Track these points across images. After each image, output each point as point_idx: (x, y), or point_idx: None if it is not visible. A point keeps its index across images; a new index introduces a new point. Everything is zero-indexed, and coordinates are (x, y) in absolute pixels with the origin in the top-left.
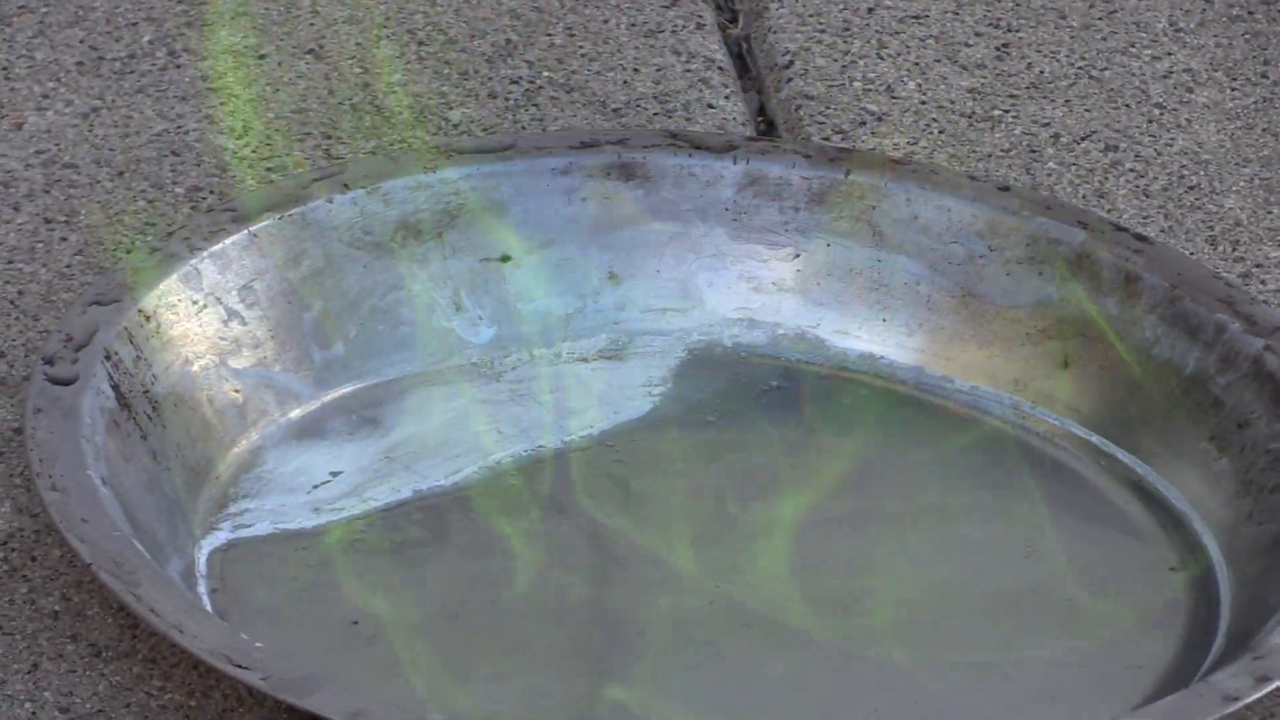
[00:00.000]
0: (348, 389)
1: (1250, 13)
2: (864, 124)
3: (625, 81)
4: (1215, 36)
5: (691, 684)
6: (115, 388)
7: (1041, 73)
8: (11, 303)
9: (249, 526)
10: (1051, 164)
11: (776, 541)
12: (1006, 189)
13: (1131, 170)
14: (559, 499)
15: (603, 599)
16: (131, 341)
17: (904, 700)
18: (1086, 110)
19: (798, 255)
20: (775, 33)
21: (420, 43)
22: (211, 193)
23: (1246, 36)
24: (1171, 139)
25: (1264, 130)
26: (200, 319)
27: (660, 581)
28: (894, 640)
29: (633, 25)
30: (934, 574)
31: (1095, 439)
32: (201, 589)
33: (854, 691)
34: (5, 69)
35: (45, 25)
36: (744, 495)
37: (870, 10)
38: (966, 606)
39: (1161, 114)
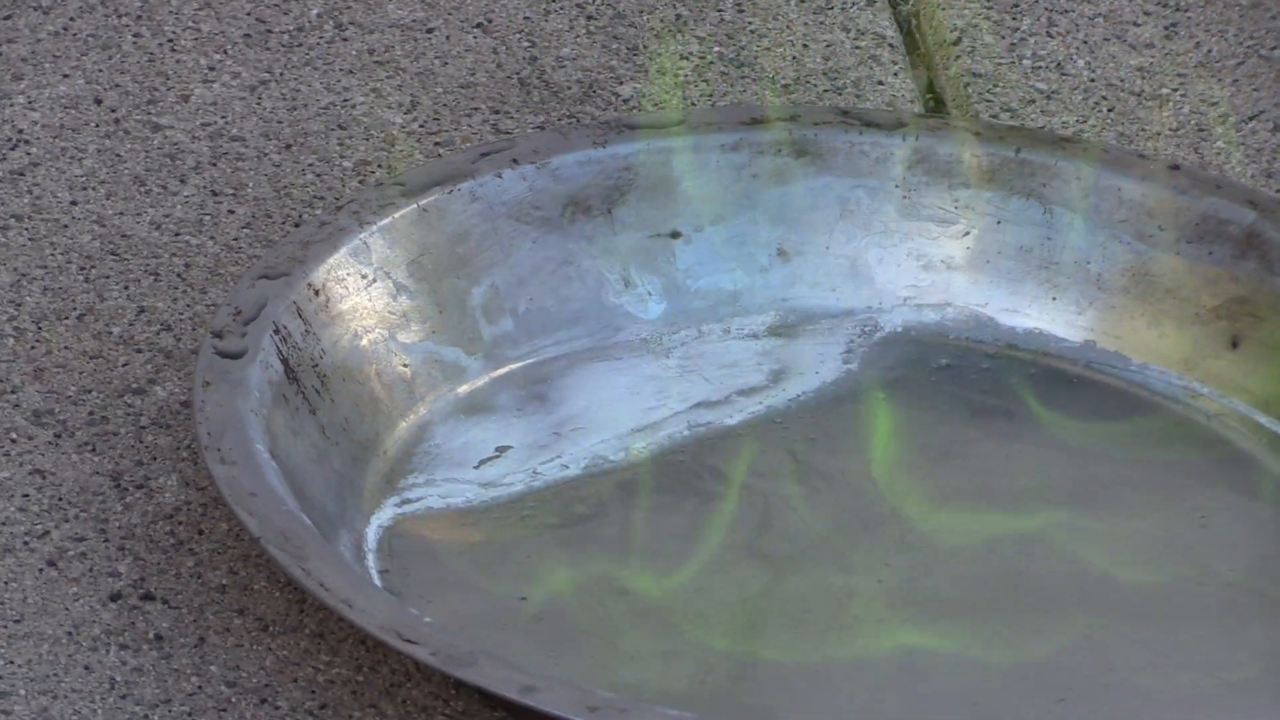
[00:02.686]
0: (516, 365)
1: None
2: (1033, 102)
3: (794, 58)
4: None
5: (852, 663)
6: (284, 361)
7: (1210, 51)
8: (179, 275)
9: (417, 501)
10: (1220, 143)
11: (948, 522)
12: (1176, 168)
13: None
14: (729, 475)
15: (772, 577)
16: (300, 315)
17: (1070, 680)
18: (1255, 90)
19: (967, 233)
20: (944, 9)
21: (589, 17)
22: (379, 167)
23: None
24: None
25: None
26: (369, 293)
27: (831, 560)
28: (1060, 624)
29: (802, 1)
30: (1101, 553)
31: (1264, 419)
32: (370, 564)
33: (1013, 671)
34: (171, 41)
35: None
36: (915, 473)
37: None
38: (1132, 586)
39: None
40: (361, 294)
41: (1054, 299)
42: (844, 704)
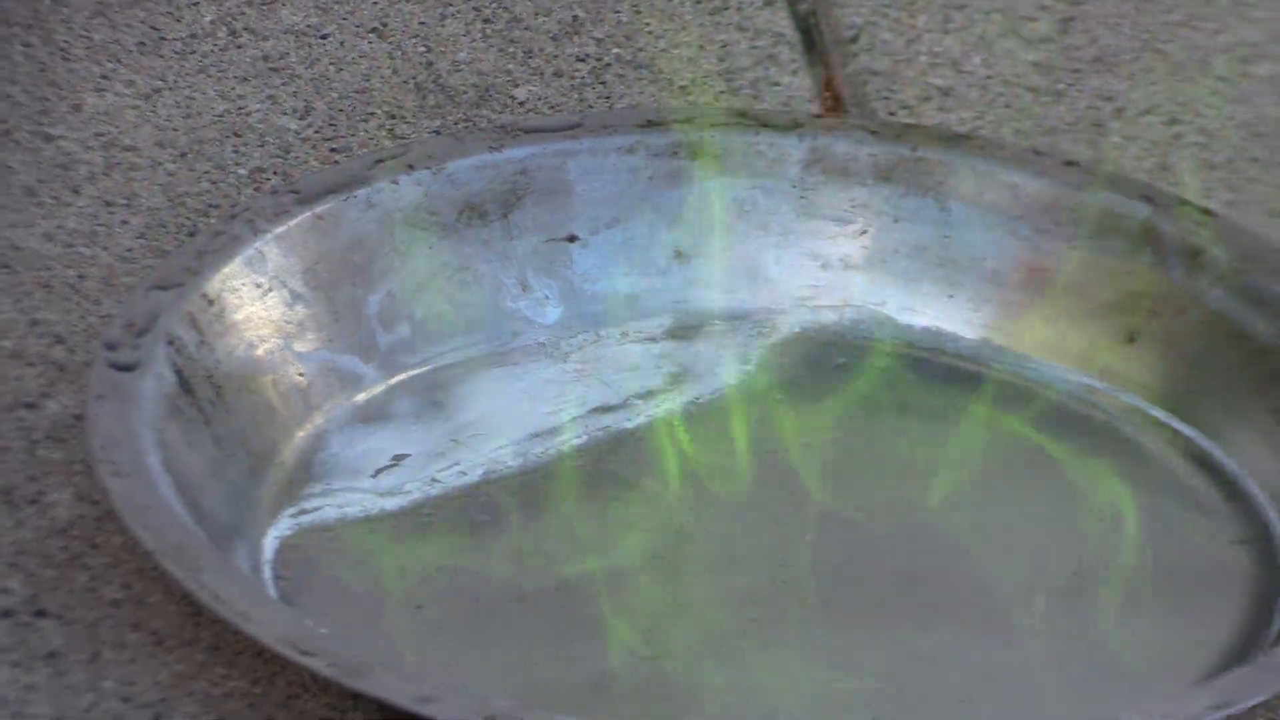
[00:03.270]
0: (413, 372)
1: None
2: (930, 99)
3: (691, 59)
4: (1276, 9)
5: (758, 663)
6: (178, 373)
7: (1105, 46)
8: (72, 287)
9: (314, 511)
10: (1116, 138)
11: (843, 521)
12: (1072, 164)
13: (1195, 143)
14: (627, 479)
15: (670, 579)
16: (194, 326)
17: (970, 675)
18: (1150, 84)
19: (864, 232)
20: (841, 7)
21: (485, 20)
22: (275, 174)
23: None
24: (1233, 112)
25: None
26: (264, 302)
27: (729, 561)
28: (958, 617)
29: (699, 2)
30: (998, 550)
31: (1160, 413)
32: (266, 575)
33: (919, 666)
34: (63, 49)
35: (104, 5)
36: (812, 474)
37: None
38: (1029, 581)
39: (1224, 87)
40: (256, 303)
41: (951, 296)
42: (749, 706)
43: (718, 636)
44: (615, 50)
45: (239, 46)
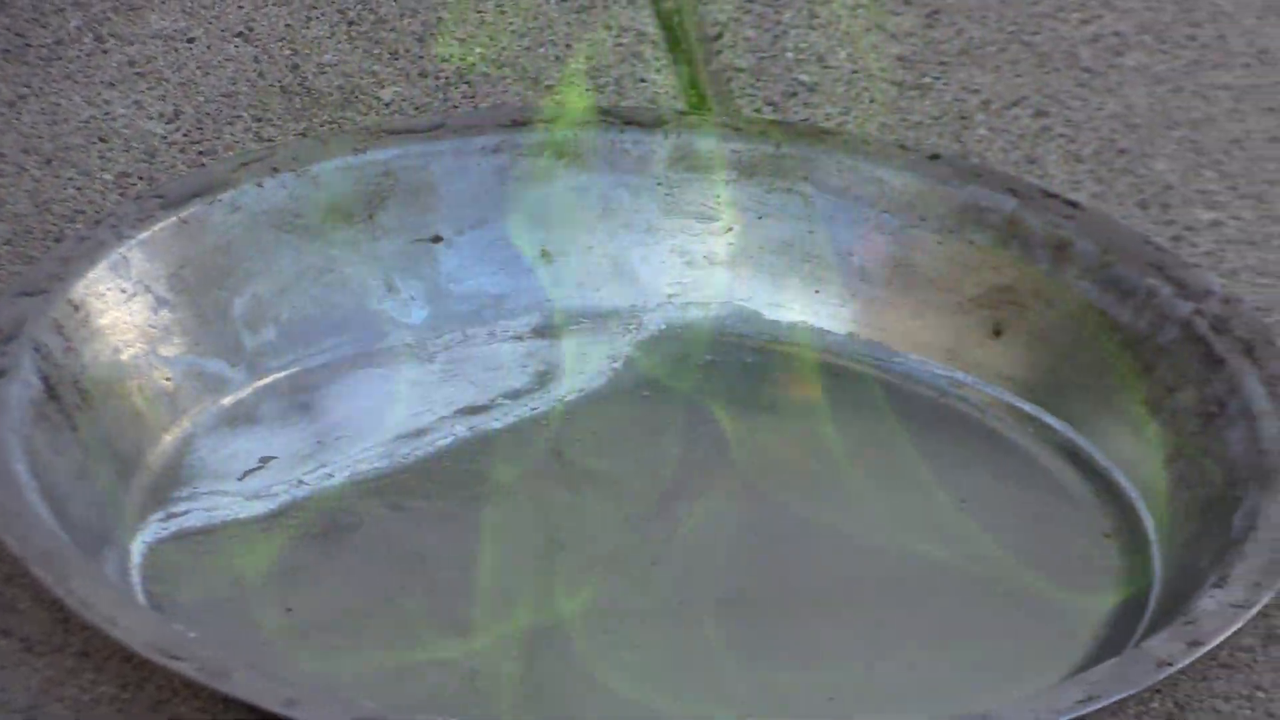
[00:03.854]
0: (280, 374)
1: None
2: (795, 95)
3: (557, 57)
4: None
5: (627, 662)
6: (44, 379)
7: (971, 39)
8: None
9: (182, 515)
10: (982, 130)
11: (712, 515)
12: (936, 157)
13: (1062, 135)
14: (495, 479)
15: (543, 581)
16: (60, 332)
17: (835, 672)
18: (1016, 76)
19: (730, 229)
20: (705, 4)
21: (350, 22)
22: (141, 179)
23: None
24: (1101, 103)
25: (1192, 93)
26: (129, 307)
27: (599, 560)
28: (825, 612)
29: (563, 0)
30: (866, 545)
31: (1028, 406)
32: (134, 580)
33: (784, 663)
34: None
35: None
36: (682, 469)
37: None
38: (898, 576)
39: (1091, 78)
40: (122, 308)
41: (817, 292)
42: (618, 704)
43: (589, 637)
44: (479, 50)
45: (105, 52)
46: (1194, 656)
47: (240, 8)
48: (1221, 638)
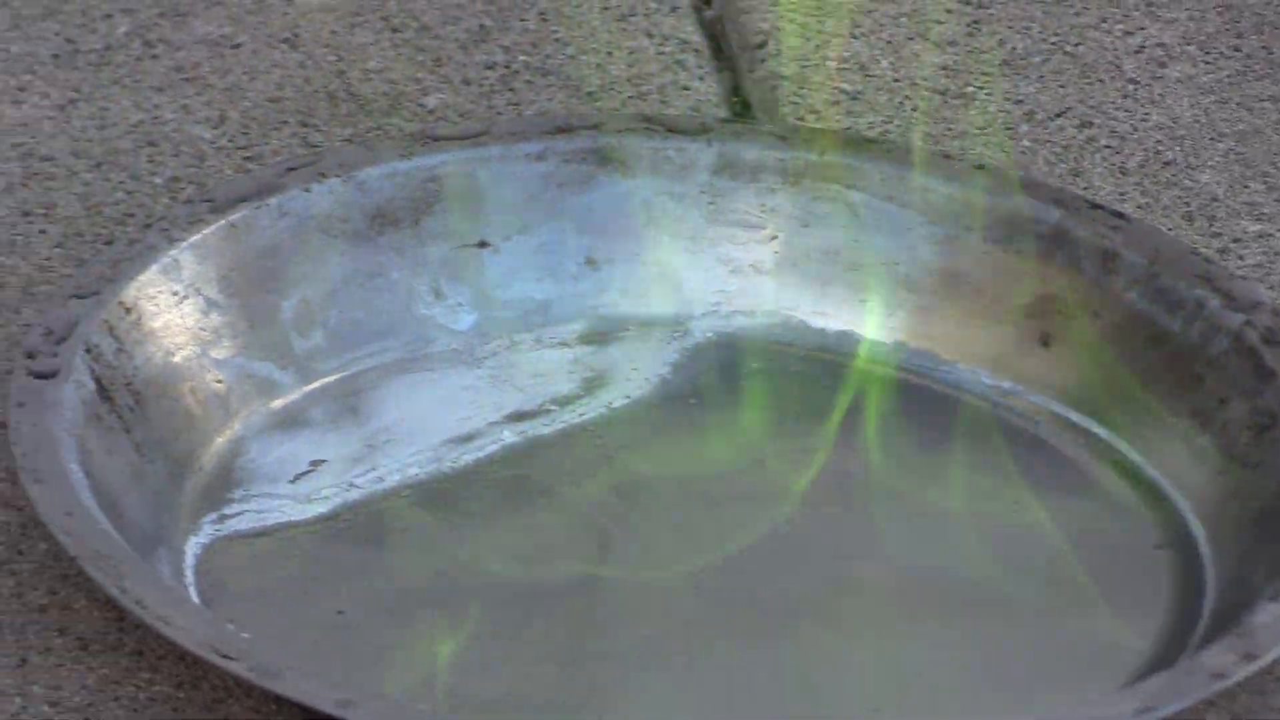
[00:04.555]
0: (329, 378)
1: None
2: (838, 103)
3: (600, 65)
4: (1188, 10)
5: (672, 670)
6: (97, 380)
7: (1014, 49)
8: None
9: (234, 517)
10: (1026, 141)
11: (763, 526)
12: (981, 167)
13: (1107, 146)
14: (545, 485)
15: (590, 585)
16: (112, 334)
17: (883, 683)
18: (1061, 86)
19: (774, 237)
20: (748, 13)
21: (394, 29)
22: (190, 183)
23: (1219, 9)
24: (1146, 114)
25: (1238, 104)
26: (181, 310)
27: (648, 566)
28: (879, 625)
29: (606, 8)
30: (917, 557)
31: (1076, 417)
32: (188, 580)
33: (840, 677)
34: None
35: (20, 18)
36: (729, 478)
37: None
38: (946, 587)
39: (1136, 89)
40: (173, 311)
41: (863, 301)
42: (665, 716)
43: (638, 643)
44: (523, 58)
45: (153, 57)
46: (1249, 670)
47: (286, 14)
48: (1277, 651)
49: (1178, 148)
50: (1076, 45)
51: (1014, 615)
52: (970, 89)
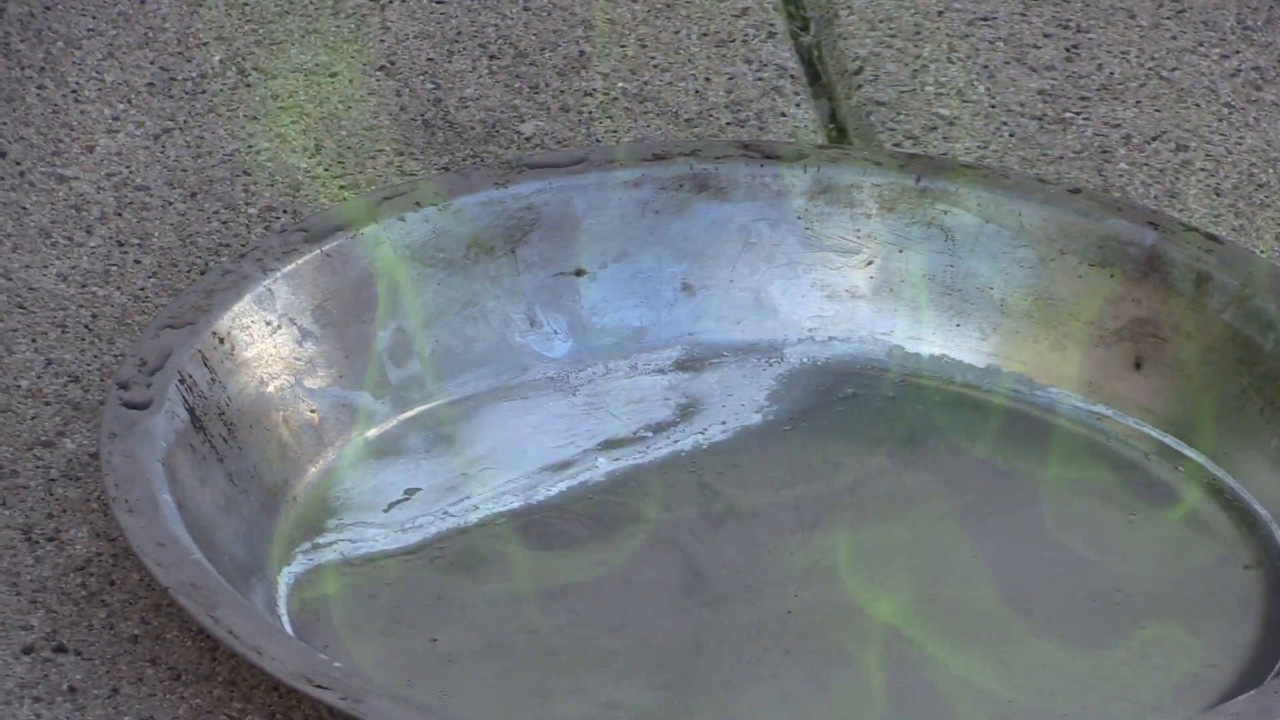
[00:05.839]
0: (424, 407)
1: None
2: (935, 129)
3: (697, 91)
4: None
5: (769, 696)
6: (190, 410)
7: (1111, 74)
8: (86, 326)
9: (328, 546)
10: (1123, 165)
11: (856, 550)
12: (1077, 191)
13: (1202, 170)
14: (639, 512)
15: (684, 613)
16: (206, 364)
17: (975, 701)
18: (1156, 110)
19: (870, 262)
20: (845, 39)
21: (491, 56)
22: (284, 212)
23: None
24: (1241, 138)
25: None
26: (274, 340)
27: (742, 594)
28: (971, 644)
29: (704, 35)
30: (1011, 577)
31: (1168, 439)
32: (281, 610)
33: (933, 701)
34: (75, 91)
35: (115, 47)
36: (824, 503)
37: (940, 14)
38: (1042, 609)
39: (1231, 113)
40: (266, 340)
41: (958, 325)
42: None
43: (730, 668)
44: (620, 84)
45: (248, 86)
46: None
47: (382, 41)
48: None
49: (1272, 170)
50: (1173, 70)
51: (1104, 637)
52: (1068, 114)
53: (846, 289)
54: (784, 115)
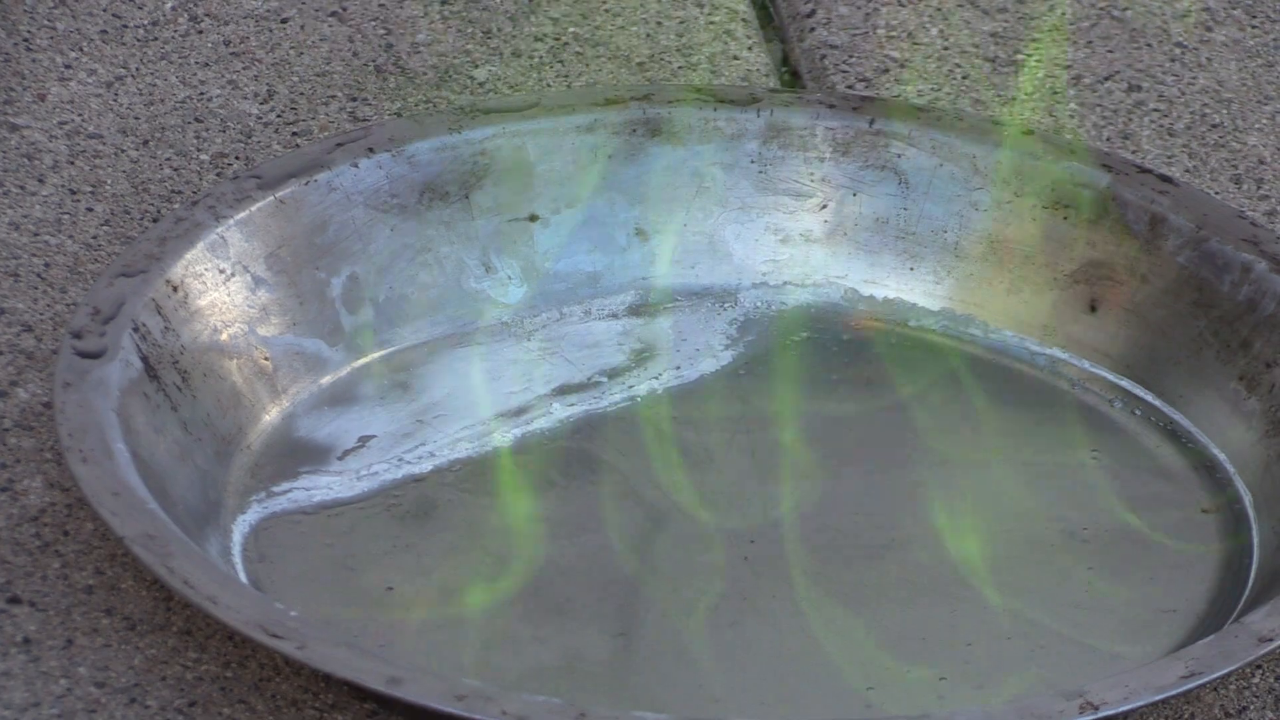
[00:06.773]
0: (377, 354)
1: None
2: (887, 71)
3: (649, 35)
4: None
5: (728, 644)
6: (144, 359)
7: (1062, 14)
8: (39, 275)
9: (282, 495)
10: (1074, 105)
11: (814, 490)
12: (1030, 133)
13: (1155, 110)
14: (595, 457)
15: (639, 557)
16: (159, 312)
17: (937, 648)
18: (1109, 51)
19: (824, 206)
20: None
21: (443, 2)
22: (237, 159)
23: None
24: (1193, 78)
25: None
26: (228, 288)
27: (698, 540)
28: (926, 589)
29: None
30: (965, 520)
31: (1124, 382)
32: (236, 559)
33: (889, 640)
34: (27, 40)
35: None
36: (779, 445)
37: None
38: (996, 552)
39: (1183, 53)
40: (220, 289)
41: (912, 269)
42: (716, 685)
43: (686, 615)
44: (572, 29)
45: (200, 32)
46: None
47: None
48: None
49: (1225, 111)
50: (1124, 10)
51: (1060, 579)
52: (1019, 55)
53: (801, 233)
54: (736, 59)
